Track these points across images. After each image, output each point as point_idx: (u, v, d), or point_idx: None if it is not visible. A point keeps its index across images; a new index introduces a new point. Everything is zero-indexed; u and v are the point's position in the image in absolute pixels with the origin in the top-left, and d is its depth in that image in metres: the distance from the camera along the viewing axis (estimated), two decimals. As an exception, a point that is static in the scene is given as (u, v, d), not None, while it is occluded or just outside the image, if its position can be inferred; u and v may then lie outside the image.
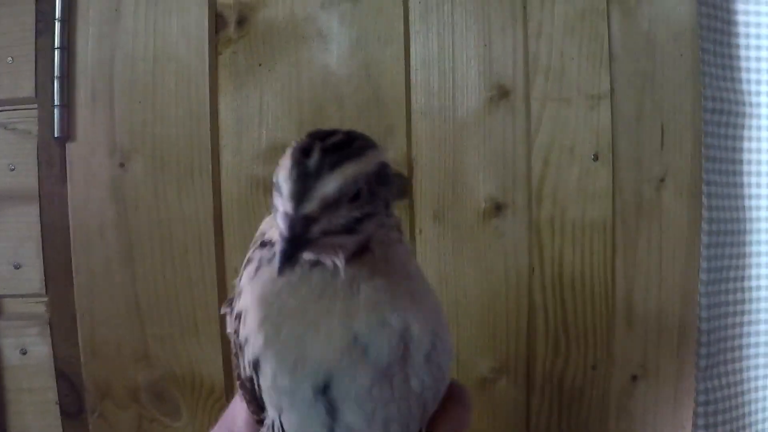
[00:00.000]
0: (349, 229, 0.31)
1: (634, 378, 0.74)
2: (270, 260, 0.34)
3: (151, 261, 0.73)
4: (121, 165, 0.73)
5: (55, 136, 0.75)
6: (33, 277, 0.76)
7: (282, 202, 0.30)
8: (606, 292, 0.73)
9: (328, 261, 0.33)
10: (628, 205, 0.74)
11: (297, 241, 0.29)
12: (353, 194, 0.31)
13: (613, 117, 0.73)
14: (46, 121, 0.75)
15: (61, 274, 0.75)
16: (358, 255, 0.34)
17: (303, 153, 0.30)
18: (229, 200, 0.73)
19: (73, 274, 0.74)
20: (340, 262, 0.33)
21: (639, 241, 0.74)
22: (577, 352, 0.73)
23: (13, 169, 0.76)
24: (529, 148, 0.72)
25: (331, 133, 0.32)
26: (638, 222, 0.74)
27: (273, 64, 0.72)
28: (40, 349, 0.76)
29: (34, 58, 0.75)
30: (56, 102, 0.75)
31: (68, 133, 0.75)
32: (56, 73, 0.75)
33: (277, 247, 0.30)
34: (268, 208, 0.32)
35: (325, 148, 0.31)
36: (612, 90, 0.72)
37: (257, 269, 0.35)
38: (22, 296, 0.76)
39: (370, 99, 0.72)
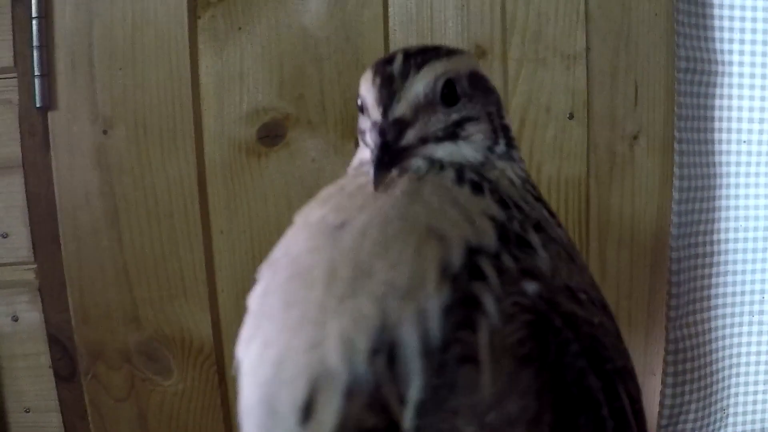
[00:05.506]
0: (451, 134, 0.28)
1: (609, 329, 0.77)
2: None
3: (138, 225, 0.74)
4: (104, 132, 0.74)
5: (37, 105, 0.75)
6: (20, 245, 0.77)
7: (369, 112, 0.26)
8: (579, 247, 0.75)
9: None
10: (603, 162, 0.76)
11: (392, 148, 0.25)
12: (449, 95, 0.27)
13: (589, 75, 0.74)
14: (26, 91, 0.75)
15: (49, 242, 0.76)
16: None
17: (385, 61, 0.27)
18: (212, 163, 0.73)
19: (61, 241, 0.76)
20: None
21: (612, 197, 0.76)
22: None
23: (-5, 139, 0.76)
24: (506, 108, 0.73)
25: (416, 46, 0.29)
26: (612, 179, 0.76)
27: (252, 27, 0.73)
28: (32, 315, 0.78)
29: (11, 28, 0.74)
30: (36, 71, 0.74)
31: (49, 101, 0.75)
32: (35, 42, 0.74)
33: (371, 158, 0.25)
34: (253, 170, 0.30)
35: (409, 53, 0.28)
36: (588, 49, 0.74)
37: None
38: (11, 264, 0.78)
39: (350, 60, 0.72)
